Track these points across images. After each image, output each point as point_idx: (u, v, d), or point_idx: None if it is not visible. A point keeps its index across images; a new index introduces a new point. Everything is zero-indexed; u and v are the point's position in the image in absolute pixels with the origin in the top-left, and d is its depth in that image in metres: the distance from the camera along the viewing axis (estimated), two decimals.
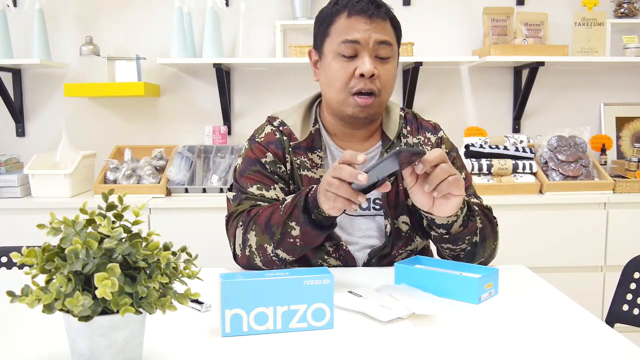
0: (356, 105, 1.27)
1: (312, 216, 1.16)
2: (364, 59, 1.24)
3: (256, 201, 1.29)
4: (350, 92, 1.26)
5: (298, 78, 2.81)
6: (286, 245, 1.20)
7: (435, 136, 1.41)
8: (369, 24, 1.24)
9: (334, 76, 1.27)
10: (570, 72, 2.87)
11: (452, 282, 1.08)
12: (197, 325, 0.96)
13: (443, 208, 1.13)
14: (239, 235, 1.26)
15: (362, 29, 1.24)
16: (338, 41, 1.26)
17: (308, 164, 1.33)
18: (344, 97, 1.28)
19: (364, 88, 1.25)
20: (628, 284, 1.40)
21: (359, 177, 1.01)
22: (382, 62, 1.27)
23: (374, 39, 1.24)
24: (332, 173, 1.07)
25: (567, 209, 2.39)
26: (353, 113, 1.29)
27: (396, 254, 1.34)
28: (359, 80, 1.25)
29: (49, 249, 0.72)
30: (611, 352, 0.85)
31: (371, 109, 1.29)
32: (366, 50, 1.25)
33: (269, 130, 1.37)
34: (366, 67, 1.23)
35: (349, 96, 1.27)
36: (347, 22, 1.26)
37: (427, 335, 0.92)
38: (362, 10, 1.25)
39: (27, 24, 2.69)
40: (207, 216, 2.33)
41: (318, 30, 1.32)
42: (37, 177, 2.41)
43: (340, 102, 1.29)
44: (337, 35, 1.27)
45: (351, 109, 1.28)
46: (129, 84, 2.56)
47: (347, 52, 1.25)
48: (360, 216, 1.35)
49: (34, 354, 0.85)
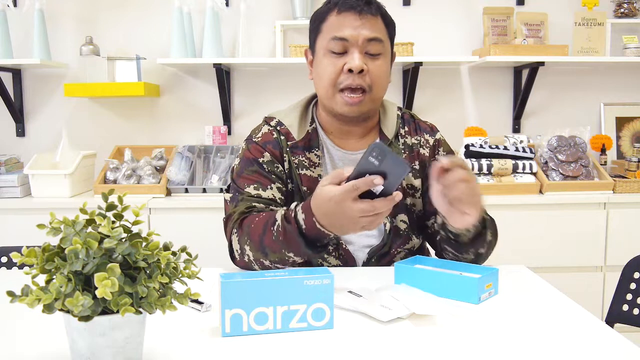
0: (345, 104, 1.27)
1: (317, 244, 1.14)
2: (353, 55, 1.25)
3: (252, 202, 1.28)
4: (338, 88, 1.27)
5: (298, 78, 2.81)
6: (285, 264, 1.20)
7: (433, 138, 1.41)
8: (358, 21, 1.25)
9: (323, 72, 1.28)
10: (570, 72, 2.87)
11: (452, 282, 1.08)
12: (197, 325, 0.96)
13: (456, 220, 1.13)
14: (235, 242, 1.25)
15: (351, 25, 1.25)
16: (328, 38, 1.27)
17: (306, 162, 1.33)
18: (332, 93, 1.28)
19: (352, 83, 1.25)
20: (628, 284, 1.40)
21: (375, 181, 0.98)
22: (372, 58, 1.27)
23: (363, 36, 1.25)
24: (354, 205, 1.01)
25: (567, 209, 2.39)
26: (342, 111, 1.29)
27: (395, 253, 1.34)
28: (347, 75, 1.25)
29: (49, 249, 0.72)
30: (611, 352, 0.85)
31: (362, 106, 1.28)
32: (355, 47, 1.25)
33: (265, 130, 1.37)
34: (355, 63, 1.24)
35: (337, 92, 1.27)
36: (337, 19, 1.27)
37: (427, 335, 0.92)
38: (351, 7, 1.25)
39: (27, 24, 2.69)
40: (207, 216, 2.32)
41: (311, 29, 1.34)
42: (37, 177, 2.41)
43: (329, 99, 1.29)
44: (327, 32, 1.28)
45: (339, 107, 1.28)
46: (129, 84, 2.56)
47: (336, 48, 1.26)
48: None
49: (34, 354, 0.85)
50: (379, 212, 1.02)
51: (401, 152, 1.37)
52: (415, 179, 1.37)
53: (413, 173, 1.37)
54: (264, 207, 1.27)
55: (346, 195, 1.00)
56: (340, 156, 1.37)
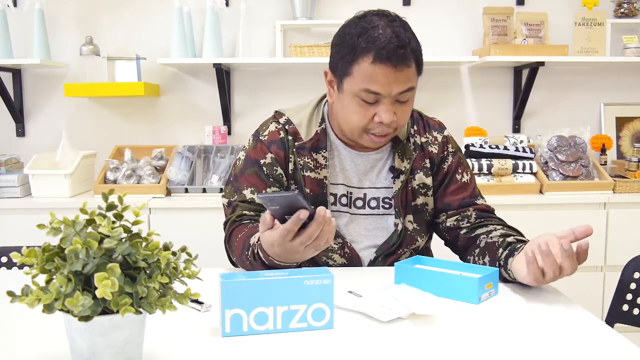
0: (370, 142, 1.29)
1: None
2: (385, 107, 1.22)
3: (244, 209, 1.32)
4: (366, 131, 1.27)
5: (298, 78, 2.81)
6: None
7: (441, 135, 1.42)
8: (393, 74, 1.19)
9: (352, 117, 1.25)
10: (570, 72, 2.87)
11: (452, 282, 1.08)
12: (197, 325, 0.96)
13: (529, 276, 1.09)
14: (228, 249, 1.32)
15: (384, 81, 1.19)
16: (359, 87, 1.21)
17: (311, 164, 1.33)
18: (359, 134, 1.28)
19: (382, 132, 1.26)
20: (628, 284, 1.40)
21: (301, 216, 1.02)
22: (401, 104, 1.25)
23: (396, 91, 1.21)
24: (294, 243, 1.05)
25: (567, 209, 2.39)
26: (367, 145, 1.31)
27: (401, 253, 1.36)
28: (376, 124, 1.24)
29: (49, 249, 0.72)
30: (611, 352, 0.85)
31: (386, 140, 1.32)
32: (387, 99, 1.22)
33: (273, 129, 1.37)
34: (386, 118, 1.22)
35: (364, 133, 1.27)
36: (371, 68, 1.19)
37: (427, 335, 0.92)
38: (387, 58, 1.18)
39: (27, 24, 2.69)
40: (207, 216, 2.32)
41: (339, 59, 1.25)
42: (37, 177, 2.41)
43: (354, 136, 1.30)
44: (359, 79, 1.21)
45: (365, 143, 1.30)
46: (129, 84, 2.56)
47: (368, 99, 1.22)
48: (368, 215, 1.36)
49: (34, 354, 0.85)
50: (318, 236, 1.05)
51: (412, 152, 1.37)
52: (427, 177, 1.38)
53: (424, 171, 1.37)
54: (253, 215, 1.31)
55: (283, 239, 1.05)
56: (351, 157, 1.37)
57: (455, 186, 1.38)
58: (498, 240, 1.23)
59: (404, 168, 1.35)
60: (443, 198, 1.38)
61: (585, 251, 1.07)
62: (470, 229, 1.34)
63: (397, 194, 1.34)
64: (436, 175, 1.39)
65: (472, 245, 1.32)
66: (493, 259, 1.22)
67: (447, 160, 1.39)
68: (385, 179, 1.37)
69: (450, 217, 1.37)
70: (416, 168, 1.37)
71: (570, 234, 1.09)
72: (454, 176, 1.39)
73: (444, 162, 1.39)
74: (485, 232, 1.31)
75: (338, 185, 1.36)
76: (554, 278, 1.07)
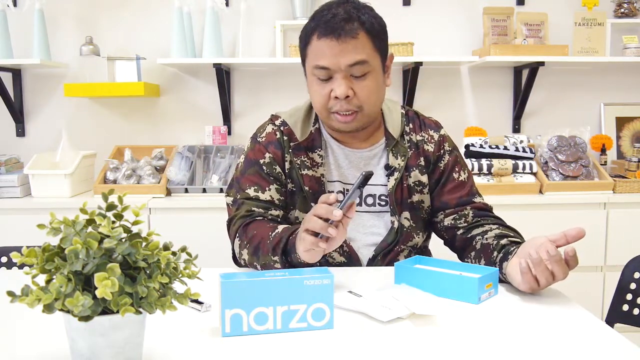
0: (339, 122, 1.29)
1: (289, 258, 1.18)
2: (338, 82, 1.23)
3: (251, 206, 1.33)
4: (330, 111, 1.28)
5: (298, 78, 2.79)
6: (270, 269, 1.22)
7: (437, 134, 1.42)
8: (337, 47, 1.21)
9: (314, 97, 1.29)
10: (570, 72, 2.87)
11: (452, 282, 1.08)
12: (197, 325, 0.96)
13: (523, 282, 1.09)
14: (236, 245, 1.31)
15: (331, 53, 1.21)
16: (312, 65, 1.26)
17: (308, 163, 1.35)
18: (326, 115, 1.29)
19: (341, 109, 1.26)
20: (628, 284, 1.40)
21: (335, 213, 1.02)
22: (358, 79, 1.24)
23: (344, 63, 1.22)
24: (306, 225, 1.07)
25: (567, 209, 2.39)
26: (339, 128, 1.31)
27: (399, 250, 1.36)
28: (336, 101, 1.25)
29: (49, 249, 0.72)
30: (611, 352, 0.85)
31: (356, 123, 1.30)
32: (339, 73, 1.23)
33: (269, 130, 1.39)
34: (340, 93, 1.23)
35: (329, 113, 1.28)
36: (317, 45, 1.23)
37: (427, 335, 0.92)
38: (330, 31, 1.20)
39: (27, 24, 2.69)
40: (207, 216, 2.32)
41: (300, 47, 1.31)
42: (37, 177, 2.41)
43: (324, 118, 1.31)
44: (311, 57, 1.26)
45: (335, 125, 1.30)
46: (129, 84, 2.56)
47: (321, 75, 1.25)
48: (365, 212, 1.36)
49: (34, 354, 0.85)
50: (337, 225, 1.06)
51: (407, 149, 1.38)
52: (422, 175, 1.38)
53: (419, 169, 1.38)
54: (262, 212, 1.32)
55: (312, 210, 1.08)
56: (344, 154, 1.38)
57: (452, 185, 1.39)
58: (492, 243, 1.24)
59: (398, 165, 1.36)
60: (440, 197, 1.38)
61: (572, 257, 1.06)
62: (466, 229, 1.34)
63: (391, 191, 1.34)
64: (432, 173, 1.39)
65: (468, 246, 1.33)
66: (488, 261, 1.23)
67: (443, 159, 1.40)
68: (380, 177, 1.38)
69: (448, 215, 1.37)
70: (411, 165, 1.37)
71: (562, 237, 1.09)
72: (451, 175, 1.39)
73: (440, 160, 1.40)
74: (481, 232, 1.31)
75: (334, 183, 1.37)
76: (547, 284, 1.07)
